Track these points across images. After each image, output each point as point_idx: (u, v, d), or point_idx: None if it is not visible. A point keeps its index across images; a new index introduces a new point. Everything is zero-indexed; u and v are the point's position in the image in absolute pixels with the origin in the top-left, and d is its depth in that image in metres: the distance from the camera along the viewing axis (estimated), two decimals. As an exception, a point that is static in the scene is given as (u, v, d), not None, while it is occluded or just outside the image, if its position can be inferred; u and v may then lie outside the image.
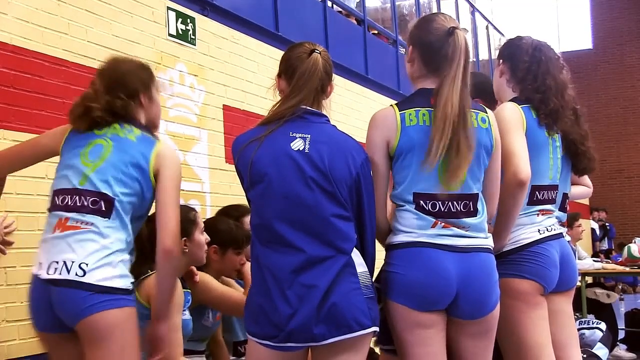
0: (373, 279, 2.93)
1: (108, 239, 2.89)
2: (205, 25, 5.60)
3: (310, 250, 2.77)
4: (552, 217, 3.46)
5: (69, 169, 2.99)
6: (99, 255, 2.86)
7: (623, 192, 22.69)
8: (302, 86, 2.87)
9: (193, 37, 5.42)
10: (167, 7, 5.16)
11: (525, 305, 3.27)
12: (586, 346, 6.82)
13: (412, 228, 2.95)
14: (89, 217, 2.90)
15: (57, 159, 4.04)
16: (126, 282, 2.91)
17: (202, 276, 3.79)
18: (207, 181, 5.42)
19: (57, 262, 2.85)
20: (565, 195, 3.60)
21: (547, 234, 3.38)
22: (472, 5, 13.19)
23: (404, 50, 10.06)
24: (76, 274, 2.82)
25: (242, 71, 5.98)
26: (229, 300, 3.84)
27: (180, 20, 5.28)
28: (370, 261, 2.95)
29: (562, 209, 3.58)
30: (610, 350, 7.44)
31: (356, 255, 2.86)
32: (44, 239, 2.95)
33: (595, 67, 23.28)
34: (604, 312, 7.87)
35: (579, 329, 7.50)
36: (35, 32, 4.04)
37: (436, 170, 2.92)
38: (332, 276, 2.76)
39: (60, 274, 2.83)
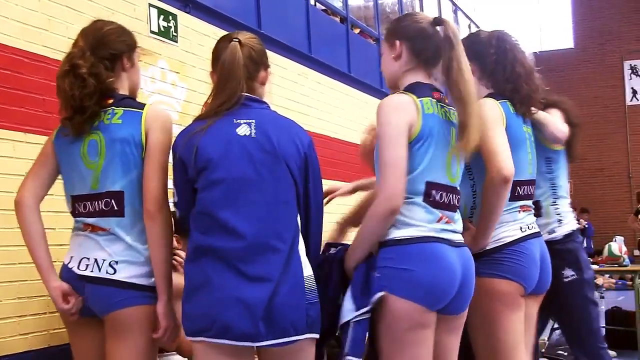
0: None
1: (131, 236, 2.95)
2: (187, 22, 5.58)
3: (256, 237, 2.68)
4: (532, 215, 3.46)
5: (76, 172, 3.00)
6: (127, 254, 2.94)
7: (604, 190, 22.83)
8: (226, 76, 2.79)
9: (175, 34, 5.39)
10: (149, 3, 5.13)
11: (505, 306, 3.24)
12: (562, 345, 6.84)
13: (422, 222, 2.86)
14: (110, 221, 2.95)
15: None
16: (153, 280, 2.97)
17: None
18: (188, 179, 5.39)
19: (87, 259, 2.95)
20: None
21: (528, 232, 3.36)
22: (454, 4, 13.23)
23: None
24: (107, 272, 2.93)
25: (224, 69, 5.95)
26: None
27: (162, 17, 5.25)
28: (314, 252, 2.89)
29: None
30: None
31: (303, 255, 2.80)
32: (75, 234, 3.04)
33: (576, 66, 23.42)
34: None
35: (555, 329, 7.53)
36: (15, 28, 4.00)
37: (445, 160, 2.91)
38: (278, 269, 2.69)
39: (92, 271, 2.93)
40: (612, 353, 7.89)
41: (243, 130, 2.77)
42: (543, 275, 3.40)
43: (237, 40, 2.82)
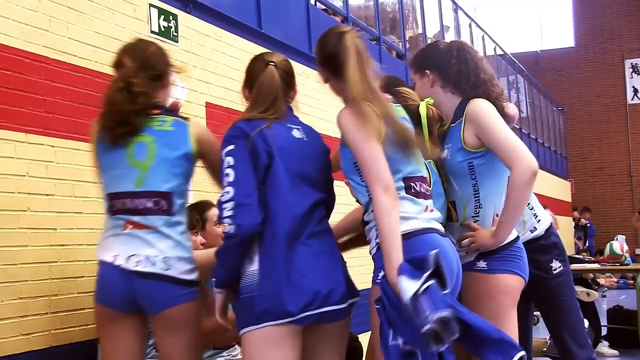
0: None
1: (178, 234, 3.14)
2: (187, 22, 5.58)
3: (315, 222, 3.02)
4: None
5: (118, 170, 3.13)
6: (176, 250, 3.11)
7: (605, 189, 22.83)
8: (265, 97, 3.09)
9: (175, 34, 5.39)
10: (149, 4, 5.13)
11: (513, 301, 3.29)
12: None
13: (413, 213, 2.98)
14: (157, 219, 3.11)
15: (41, 156, 4.04)
16: (197, 275, 3.19)
17: None
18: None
19: (137, 256, 3.07)
20: None
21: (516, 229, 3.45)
22: (455, 4, 13.22)
23: (387, 47, 10.07)
24: (161, 268, 3.07)
25: (224, 68, 5.96)
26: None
27: (162, 17, 5.25)
28: None
29: None
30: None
31: None
32: (115, 234, 3.13)
33: (577, 65, 23.42)
34: (585, 310, 7.90)
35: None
36: (16, 28, 4.00)
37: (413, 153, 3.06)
38: (333, 244, 3.08)
39: (144, 266, 3.06)
40: (613, 352, 7.93)
41: (296, 133, 3.11)
42: None
43: (273, 64, 3.14)
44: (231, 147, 2.97)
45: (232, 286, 2.96)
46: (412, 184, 3.01)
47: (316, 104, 7.45)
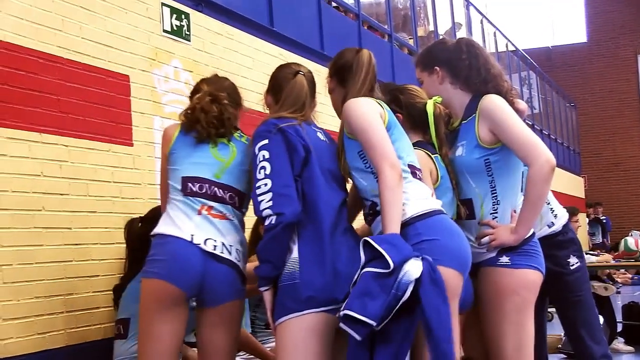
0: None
1: (242, 230, 3.31)
2: (199, 21, 5.59)
3: (344, 218, 3.13)
4: None
5: (199, 159, 3.30)
6: (242, 245, 3.27)
7: (619, 185, 22.71)
8: (291, 101, 3.21)
9: (188, 33, 5.40)
10: (162, 3, 5.14)
11: (534, 297, 3.29)
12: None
13: (425, 195, 3.07)
14: (230, 210, 3.27)
15: (55, 156, 4.05)
16: None
17: None
18: (203, 177, 5.40)
19: (214, 241, 3.17)
20: None
21: None
22: (466, 0, 13.19)
23: (398, 44, 10.05)
24: (235, 258, 3.21)
25: (237, 67, 5.97)
26: None
27: (174, 16, 5.26)
28: None
29: None
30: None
31: None
32: (188, 214, 3.21)
33: (590, 60, 23.31)
34: (601, 306, 7.86)
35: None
36: (30, 28, 4.02)
37: (411, 145, 3.22)
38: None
39: (221, 252, 3.16)
40: (629, 348, 7.89)
41: (320, 136, 3.24)
42: None
43: (302, 73, 3.29)
44: (265, 141, 3.06)
45: (275, 280, 3.00)
46: (416, 171, 3.12)
47: (328, 101, 7.46)
